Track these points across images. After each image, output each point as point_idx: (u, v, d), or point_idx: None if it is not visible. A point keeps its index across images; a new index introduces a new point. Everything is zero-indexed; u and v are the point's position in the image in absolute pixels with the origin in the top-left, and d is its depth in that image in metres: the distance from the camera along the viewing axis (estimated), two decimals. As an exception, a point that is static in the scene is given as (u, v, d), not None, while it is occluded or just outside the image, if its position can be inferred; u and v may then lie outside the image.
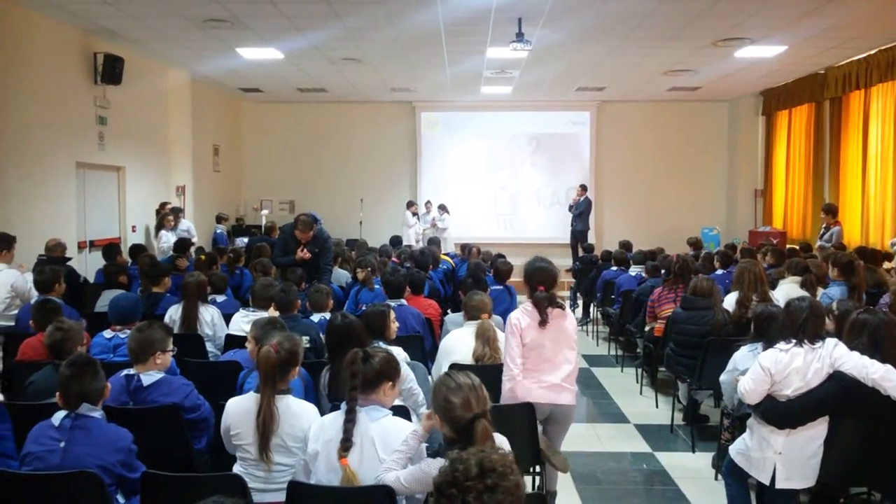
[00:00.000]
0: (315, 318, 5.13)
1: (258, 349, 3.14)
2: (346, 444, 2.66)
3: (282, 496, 2.79)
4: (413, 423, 2.93)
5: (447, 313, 5.96)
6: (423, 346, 4.98)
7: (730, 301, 5.77)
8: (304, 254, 7.01)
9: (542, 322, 3.85)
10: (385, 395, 2.81)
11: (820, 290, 6.09)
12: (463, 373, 2.59)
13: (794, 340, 3.53)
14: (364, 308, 4.52)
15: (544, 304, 3.88)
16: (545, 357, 3.85)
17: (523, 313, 3.93)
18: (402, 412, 3.13)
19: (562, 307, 3.94)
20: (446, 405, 2.48)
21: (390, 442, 2.67)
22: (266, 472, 2.93)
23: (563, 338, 3.91)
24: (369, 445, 2.67)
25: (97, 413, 2.95)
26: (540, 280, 3.95)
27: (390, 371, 2.83)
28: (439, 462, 2.34)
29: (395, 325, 4.21)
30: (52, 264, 6.07)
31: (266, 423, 2.90)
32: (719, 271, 7.81)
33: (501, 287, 6.52)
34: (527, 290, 4.03)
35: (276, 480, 2.94)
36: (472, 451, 1.86)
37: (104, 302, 5.76)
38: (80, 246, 9.50)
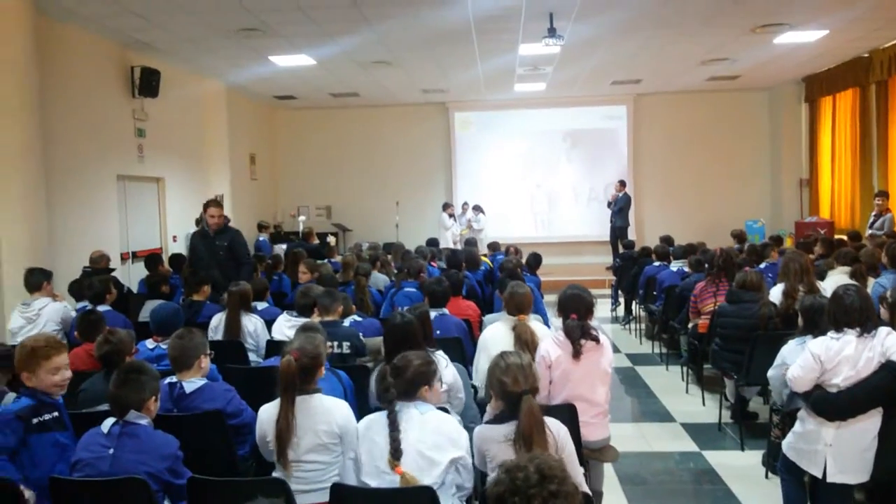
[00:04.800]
0: (346, 322, 5.12)
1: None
2: (396, 454, 2.74)
3: (323, 496, 2.84)
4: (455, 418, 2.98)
5: (485, 313, 5.94)
6: (464, 349, 4.97)
7: (776, 293, 5.66)
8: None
9: (575, 354, 3.66)
10: (424, 397, 2.89)
11: (871, 280, 5.94)
12: (514, 353, 2.92)
13: (845, 330, 3.46)
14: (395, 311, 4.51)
15: (577, 333, 3.68)
16: (576, 393, 3.67)
17: (554, 344, 3.74)
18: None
19: (596, 339, 3.72)
20: (499, 384, 2.80)
21: (438, 432, 2.78)
22: (292, 475, 2.96)
23: (598, 374, 3.70)
24: (419, 437, 2.79)
25: (145, 420, 3.02)
26: (573, 308, 3.75)
27: (423, 377, 2.90)
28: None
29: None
30: (96, 276, 6.24)
31: (282, 432, 2.93)
32: (762, 264, 7.67)
33: (536, 277, 6.58)
34: (560, 319, 3.84)
35: (313, 480, 2.98)
36: (528, 458, 1.86)
37: (147, 311, 5.89)
38: (123, 257, 9.74)
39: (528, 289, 4.51)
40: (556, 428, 2.84)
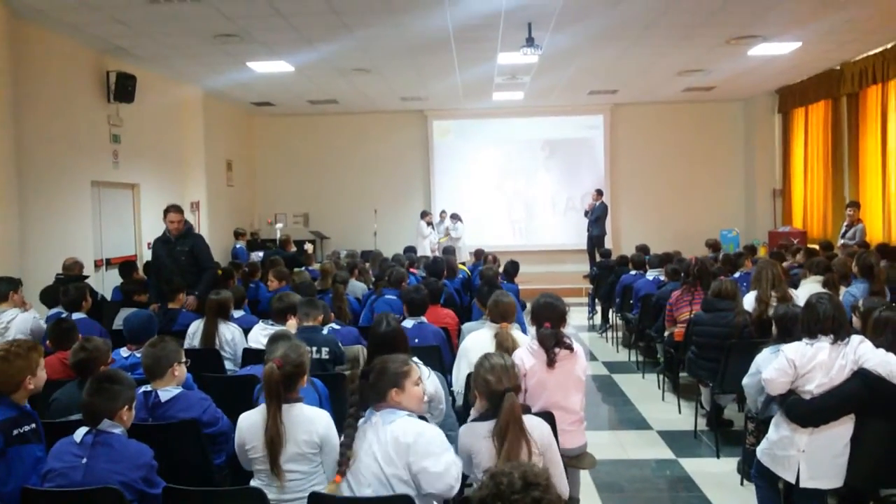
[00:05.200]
0: (325, 330, 5.10)
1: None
2: (340, 462, 2.78)
3: (301, 506, 2.81)
4: (430, 425, 2.95)
5: (463, 321, 5.95)
6: (442, 357, 4.97)
7: (749, 300, 5.74)
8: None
9: (550, 362, 3.67)
10: (394, 400, 2.85)
11: (843, 289, 6.05)
12: (497, 354, 3.09)
13: (819, 336, 3.52)
14: (377, 316, 4.50)
15: (550, 342, 3.70)
16: (552, 401, 3.67)
17: (528, 353, 3.75)
18: None
19: (570, 347, 3.75)
20: (484, 383, 2.95)
21: (399, 444, 2.73)
22: (280, 485, 2.95)
23: (572, 382, 3.73)
24: (378, 449, 2.75)
25: (118, 429, 2.99)
26: (546, 317, 3.79)
27: (390, 380, 2.87)
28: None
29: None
30: (70, 283, 6.15)
31: (273, 440, 2.92)
32: (737, 273, 7.76)
33: (514, 286, 6.62)
34: (535, 328, 3.87)
35: (294, 490, 2.96)
36: (513, 465, 1.87)
37: (122, 320, 5.81)
38: (97, 264, 9.61)
39: (512, 298, 4.52)
40: (536, 425, 2.90)
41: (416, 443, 2.72)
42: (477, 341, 4.32)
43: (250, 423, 3.04)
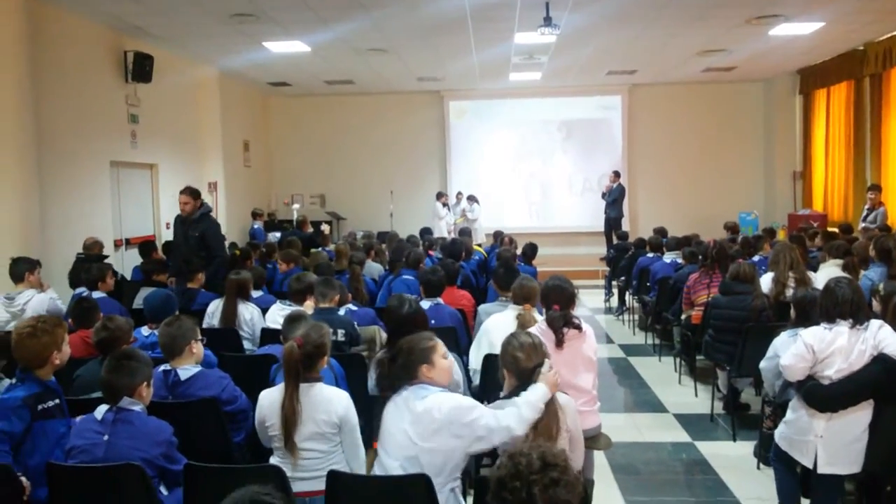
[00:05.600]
0: (341, 311, 5.12)
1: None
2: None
3: (320, 484, 2.86)
4: (459, 396, 3.00)
5: (479, 303, 5.96)
6: (458, 339, 4.99)
7: (765, 281, 5.70)
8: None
9: (558, 342, 3.74)
10: (426, 376, 2.91)
11: (862, 273, 5.99)
12: (524, 333, 3.13)
13: (837, 321, 3.49)
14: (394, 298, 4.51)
15: (559, 323, 3.78)
16: (563, 381, 3.64)
17: (538, 333, 3.79)
18: None
19: (578, 328, 3.82)
20: (514, 360, 2.98)
21: (427, 417, 2.77)
22: (298, 462, 2.99)
23: (581, 360, 3.79)
24: (411, 425, 2.79)
25: (138, 406, 3.03)
26: (555, 299, 3.89)
27: (419, 356, 2.92)
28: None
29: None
30: (92, 262, 6.22)
31: (288, 418, 2.95)
32: (756, 257, 7.71)
33: (532, 268, 6.61)
34: (543, 310, 3.95)
35: (312, 469, 3.00)
36: (531, 446, 1.89)
37: (141, 299, 5.87)
38: (116, 244, 9.70)
39: (536, 283, 4.57)
40: (565, 403, 2.95)
41: (456, 412, 2.77)
42: (499, 322, 4.35)
43: (270, 400, 3.08)
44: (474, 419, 2.76)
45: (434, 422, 2.76)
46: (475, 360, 4.37)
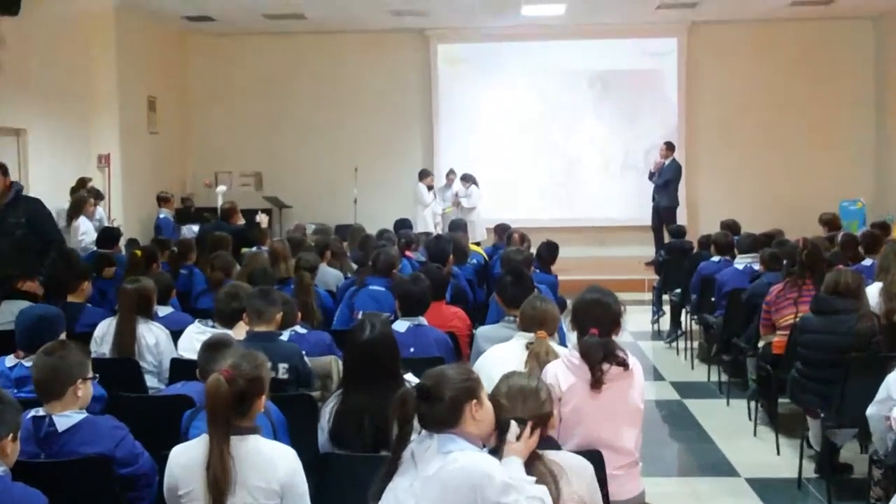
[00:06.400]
0: (284, 335, 5.10)
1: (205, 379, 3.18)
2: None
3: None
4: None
5: (477, 324, 5.96)
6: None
7: (872, 293, 5.73)
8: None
9: (594, 384, 3.67)
10: (474, 419, 2.85)
11: None
12: (523, 374, 3.21)
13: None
14: (360, 317, 4.50)
15: (597, 355, 3.67)
16: (595, 437, 3.65)
17: (566, 368, 3.76)
18: None
19: (624, 364, 3.72)
20: (496, 407, 2.94)
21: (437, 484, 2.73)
22: None
23: (625, 410, 3.74)
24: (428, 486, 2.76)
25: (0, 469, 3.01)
26: (594, 319, 3.77)
27: (467, 391, 2.86)
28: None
29: None
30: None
31: (218, 480, 2.94)
32: (866, 261, 7.74)
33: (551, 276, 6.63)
34: (576, 334, 3.85)
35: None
36: None
37: (6, 317, 5.81)
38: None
39: (553, 303, 4.53)
40: (576, 469, 2.94)
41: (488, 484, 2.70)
42: (501, 356, 4.29)
43: (186, 459, 3.07)
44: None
45: (448, 491, 2.71)
46: None
